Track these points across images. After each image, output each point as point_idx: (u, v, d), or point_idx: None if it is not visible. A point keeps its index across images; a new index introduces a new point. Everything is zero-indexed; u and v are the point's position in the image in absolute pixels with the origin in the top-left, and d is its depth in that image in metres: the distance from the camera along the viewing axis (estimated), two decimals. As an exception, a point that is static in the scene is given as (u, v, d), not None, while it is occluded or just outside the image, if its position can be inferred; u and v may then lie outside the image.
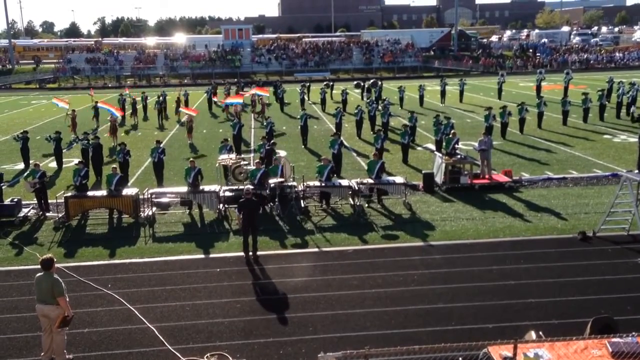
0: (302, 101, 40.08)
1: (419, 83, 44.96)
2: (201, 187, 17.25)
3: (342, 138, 22.53)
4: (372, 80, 50.74)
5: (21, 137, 24.13)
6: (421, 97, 39.99)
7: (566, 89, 41.03)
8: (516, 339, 7.04)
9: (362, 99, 43.67)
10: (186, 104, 39.36)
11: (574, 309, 10.75)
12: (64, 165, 23.96)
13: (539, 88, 42.70)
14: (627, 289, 11.47)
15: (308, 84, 48.26)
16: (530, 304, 11.06)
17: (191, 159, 18.26)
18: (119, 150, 20.61)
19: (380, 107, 30.79)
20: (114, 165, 18.39)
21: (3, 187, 18.29)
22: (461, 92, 41.87)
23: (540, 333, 8.69)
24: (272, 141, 22.10)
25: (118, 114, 29.61)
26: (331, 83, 48.89)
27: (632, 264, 12.72)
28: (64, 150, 24.64)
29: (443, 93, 41.14)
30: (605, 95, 32.90)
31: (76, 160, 19.72)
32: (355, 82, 53.41)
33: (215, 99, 42.22)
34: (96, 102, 35.17)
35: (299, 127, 27.74)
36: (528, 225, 15.53)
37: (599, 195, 17.99)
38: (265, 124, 27.16)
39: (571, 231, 14.81)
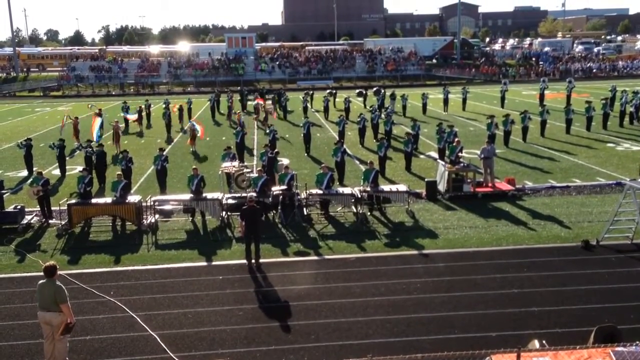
0: (305, 109, 40.20)
1: (421, 91, 45.02)
2: (204, 195, 17.26)
3: (345, 146, 22.54)
4: (375, 88, 50.84)
5: (25, 145, 24.19)
6: (424, 105, 40.00)
7: (569, 97, 41.05)
8: (519, 347, 7.02)
9: (365, 106, 43.76)
10: (189, 112, 39.45)
11: (578, 318, 10.71)
12: (67, 173, 23.99)
13: (542, 96, 42.69)
14: (631, 298, 11.42)
15: (311, 92, 48.37)
16: (533, 312, 11.02)
17: (194, 167, 18.29)
18: (121, 157, 20.67)
19: (383, 115, 30.85)
20: (119, 172, 18.44)
21: (6, 194, 18.33)
22: (464, 101, 41.93)
23: (544, 342, 8.65)
24: (275, 150, 22.11)
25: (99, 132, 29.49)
26: (334, 91, 49.00)
27: (636, 273, 12.68)
28: (67, 158, 24.71)
29: (446, 101, 41.23)
30: (609, 104, 32.89)
31: (80, 168, 19.80)
32: (357, 91, 53.51)
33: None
34: (99, 109, 35.25)
35: (302, 135, 27.79)
36: (531, 233, 15.50)
37: (602, 203, 17.95)
38: (268, 131, 27.24)
39: (574, 240, 14.77)
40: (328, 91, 46.98)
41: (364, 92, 49.01)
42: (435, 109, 41.37)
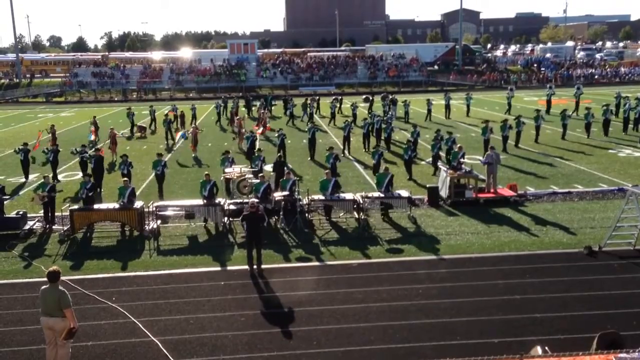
0: (311, 115, 40.21)
1: (423, 97, 45.05)
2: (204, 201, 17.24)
3: (336, 152, 22.51)
4: (382, 94, 50.91)
5: (21, 150, 24.10)
6: (429, 112, 39.83)
7: (577, 103, 40.86)
8: (522, 354, 7.01)
9: (369, 112, 43.80)
10: (193, 118, 39.52)
11: (580, 324, 10.68)
12: (68, 179, 23.96)
13: (549, 103, 42.33)
14: (634, 304, 11.39)
15: (317, 97, 48.45)
16: (535, 318, 10.99)
17: (206, 173, 18.12)
18: (121, 162, 20.70)
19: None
20: (125, 179, 18.37)
21: (7, 201, 18.31)
22: (468, 107, 41.84)
23: (546, 348, 8.62)
24: (279, 154, 22.11)
25: (92, 136, 30.71)
26: (339, 97, 49.12)
27: (639, 279, 12.64)
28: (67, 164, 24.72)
29: (447, 107, 41.21)
30: (609, 110, 32.81)
31: (80, 174, 19.81)
32: (364, 97, 53.66)
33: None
34: (94, 116, 35.18)
35: (307, 140, 27.83)
36: (533, 239, 15.48)
37: (604, 209, 17.93)
38: (276, 135, 27.35)
39: (577, 246, 14.75)
40: (334, 97, 47.08)
41: (371, 98, 49.18)
42: (437, 115, 41.38)
